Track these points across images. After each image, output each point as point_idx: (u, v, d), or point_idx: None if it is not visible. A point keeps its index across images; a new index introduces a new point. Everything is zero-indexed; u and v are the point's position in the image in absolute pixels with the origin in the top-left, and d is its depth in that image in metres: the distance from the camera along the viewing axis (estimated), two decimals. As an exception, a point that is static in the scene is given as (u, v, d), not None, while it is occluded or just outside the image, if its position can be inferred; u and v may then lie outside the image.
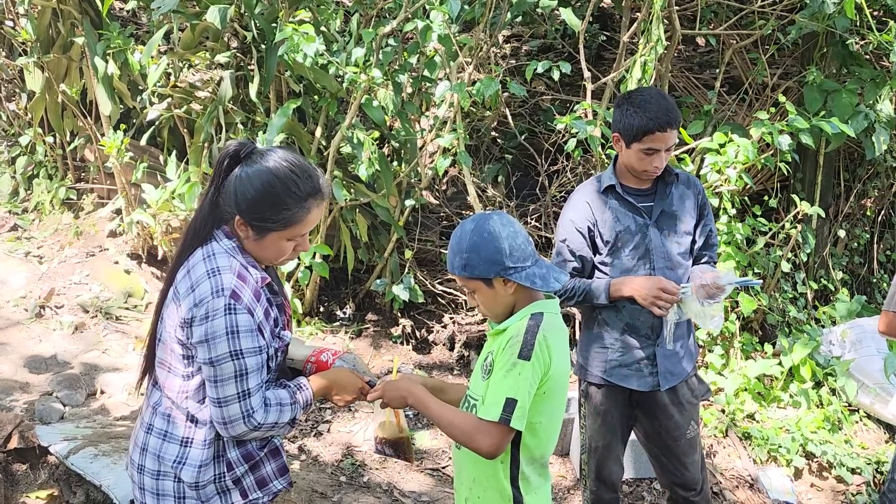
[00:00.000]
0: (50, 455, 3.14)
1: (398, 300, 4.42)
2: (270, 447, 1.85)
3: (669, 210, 2.56)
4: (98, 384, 3.90)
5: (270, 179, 1.70)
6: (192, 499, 1.77)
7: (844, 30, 4.15)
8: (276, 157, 1.73)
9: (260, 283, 1.76)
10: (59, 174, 5.43)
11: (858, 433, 4.09)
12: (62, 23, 4.73)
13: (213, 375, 1.69)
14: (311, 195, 1.74)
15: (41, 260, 4.98)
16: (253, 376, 1.71)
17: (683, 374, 2.62)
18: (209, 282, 1.68)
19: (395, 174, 4.33)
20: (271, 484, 1.85)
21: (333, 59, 3.81)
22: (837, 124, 3.79)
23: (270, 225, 1.72)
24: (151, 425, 1.81)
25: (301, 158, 1.79)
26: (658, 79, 4.31)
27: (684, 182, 2.61)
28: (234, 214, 1.72)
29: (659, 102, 2.42)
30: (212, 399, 1.72)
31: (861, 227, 5.31)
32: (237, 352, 1.68)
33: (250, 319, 1.69)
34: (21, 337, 4.25)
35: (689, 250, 2.60)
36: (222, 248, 1.74)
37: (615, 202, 2.55)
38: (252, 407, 1.71)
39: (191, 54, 4.31)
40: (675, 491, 2.73)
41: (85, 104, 4.99)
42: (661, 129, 2.39)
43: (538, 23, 5.50)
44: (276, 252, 1.78)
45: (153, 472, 1.78)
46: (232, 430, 1.72)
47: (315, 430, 3.76)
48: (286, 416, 1.77)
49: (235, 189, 1.71)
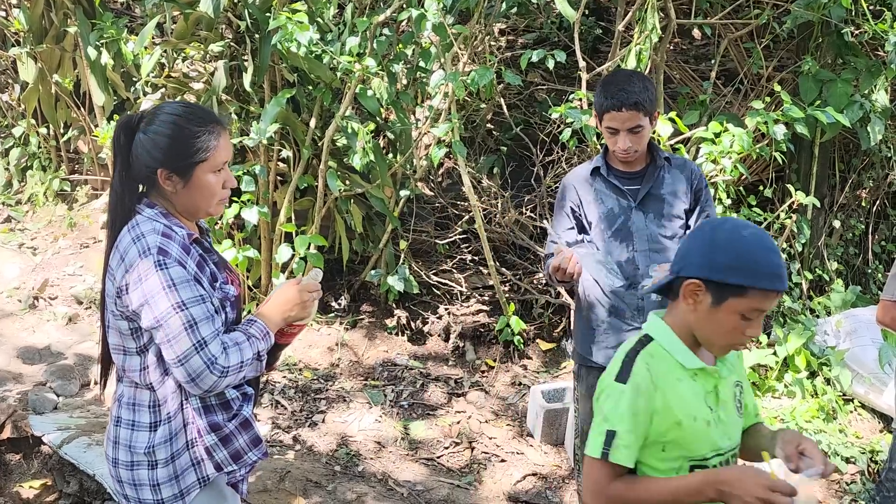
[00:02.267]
0: (43, 445, 3.14)
1: (393, 291, 4.41)
2: (240, 420, 1.80)
3: (656, 193, 2.58)
4: (91, 375, 3.89)
5: (174, 120, 1.75)
6: (167, 479, 1.77)
7: (840, 19, 4.14)
8: (168, 107, 1.80)
9: (187, 239, 1.77)
10: (53, 165, 5.41)
11: (853, 423, 4.10)
12: (55, 13, 4.71)
13: (165, 336, 1.67)
14: (214, 121, 1.79)
15: (35, 251, 4.97)
16: (203, 325, 1.68)
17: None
18: (135, 247, 1.70)
19: (390, 165, 4.32)
20: (246, 456, 1.82)
21: (328, 49, 3.79)
22: (833, 114, 3.79)
23: (192, 159, 1.74)
24: (119, 418, 1.81)
25: (185, 101, 1.85)
26: (653, 69, 4.30)
27: (679, 166, 2.62)
28: (154, 170, 1.74)
29: (622, 83, 2.45)
30: (171, 361, 1.68)
31: (856, 218, 5.32)
32: (179, 304, 1.66)
33: (183, 271, 1.70)
34: (15, 328, 4.24)
35: (679, 234, 2.61)
36: (145, 217, 1.75)
37: (601, 184, 2.60)
38: (213, 354, 1.68)
39: (184, 44, 4.29)
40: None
41: (78, 95, 4.97)
42: (616, 109, 2.42)
43: (534, 14, 5.49)
44: (208, 192, 1.78)
45: (127, 464, 1.78)
46: (202, 384, 1.69)
47: (309, 421, 3.75)
48: (248, 353, 1.75)
49: (147, 148, 1.74)
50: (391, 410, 3.90)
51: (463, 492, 3.39)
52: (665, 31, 4.14)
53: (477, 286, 4.78)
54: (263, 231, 4.39)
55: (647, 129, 2.49)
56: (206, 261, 1.81)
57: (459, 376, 4.28)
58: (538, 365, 4.46)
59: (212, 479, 1.82)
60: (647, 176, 2.58)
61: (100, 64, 4.37)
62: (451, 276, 4.75)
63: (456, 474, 3.52)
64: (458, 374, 4.29)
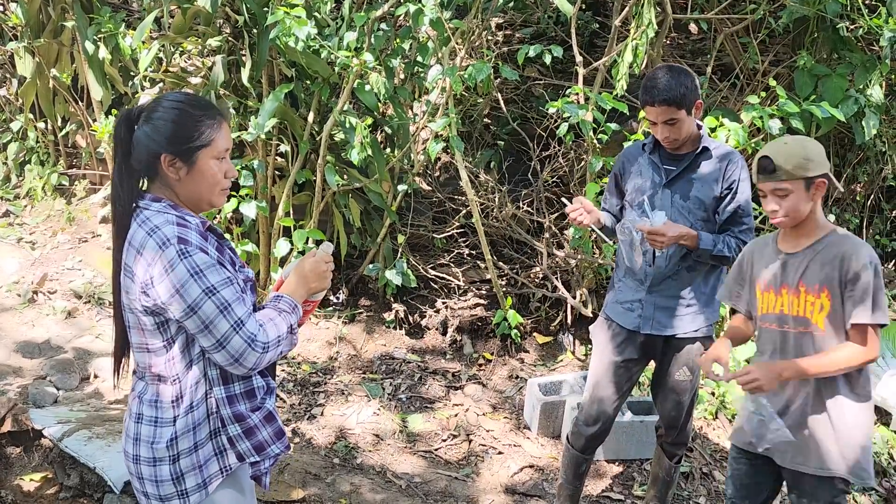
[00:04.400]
0: (44, 438, 3.15)
1: (391, 285, 4.44)
2: (263, 413, 1.84)
3: (688, 176, 2.74)
4: (91, 368, 3.91)
5: (177, 106, 1.75)
6: (190, 468, 1.77)
7: (835, 14, 4.16)
8: (170, 95, 1.79)
9: (202, 227, 1.78)
10: (51, 160, 5.42)
11: (846, 415, 4.14)
12: (53, 7, 4.71)
13: (200, 322, 1.67)
14: (213, 108, 1.80)
15: (34, 246, 4.98)
16: (237, 305, 1.70)
17: (672, 329, 2.79)
18: (152, 239, 1.68)
19: (387, 159, 4.34)
20: (269, 448, 1.84)
21: (325, 44, 3.80)
22: (828, 109, 3.81)
23: (195, 143, 1.74)
24: (140, 415, 1.80)
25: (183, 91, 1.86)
26: (650, 63, 4.32)
27: (719, 157, 2.75)
28: (158, 155, 1.73)
29: (656, 80, 2.62)
30: (211, 346, 1.69)
31: (851, 212, 5.35)
32: (209, 288, 1.67)
33: (207, 257, 1.70)
34: (14, 322, 4.25)
35: (704, 218, 2.73)
36: (153, 210, 1.74)
37: (645, 160, 2.83)
38: (251, 332, 1.70)
39: (182, 39, 4.30)
40: (660, 425, 3.06)
41: (76, 89, 4.97)
42: (649, 104, 2.63)
43: (531, 9, 5.50)
44: (211, 179, 1.78)
45: (149, 460, 1.77)
46: (245, 363, 1.71)
47: (308, 414, 3.78)
48: (283, 327, 1.78)
49: (150, 136, 1.73)
50: (389, 403, 3.93)
51: (461, 484, 3.42)
52: (661, 26, 4.16)
53: (474, 280, 4.80)
54: (262, 225, 4.40)
55: (683, 121, 2.65)
56: (224, 245, 1.82)
57: (457, 370, 4.30)
58: (535, 358, 4.49)
59: (234, 470, 1.83)
60: (684, 160, 2.75)
61: (98, 58, 4.37)
62: (449, 271, 4.78)
63: (454, 466, 3.55)
64: (456, 368, 4.32)
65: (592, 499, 3.42)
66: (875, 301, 2.16)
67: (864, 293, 2.16)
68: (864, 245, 2.21)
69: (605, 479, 3.56)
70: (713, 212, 2.74)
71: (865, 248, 2.20)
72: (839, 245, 2.22)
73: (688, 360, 2.83)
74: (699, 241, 2.64)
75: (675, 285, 2.77)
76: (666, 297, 2.78)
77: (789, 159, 2.19)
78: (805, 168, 2.19)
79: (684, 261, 2.75)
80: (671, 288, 2.77)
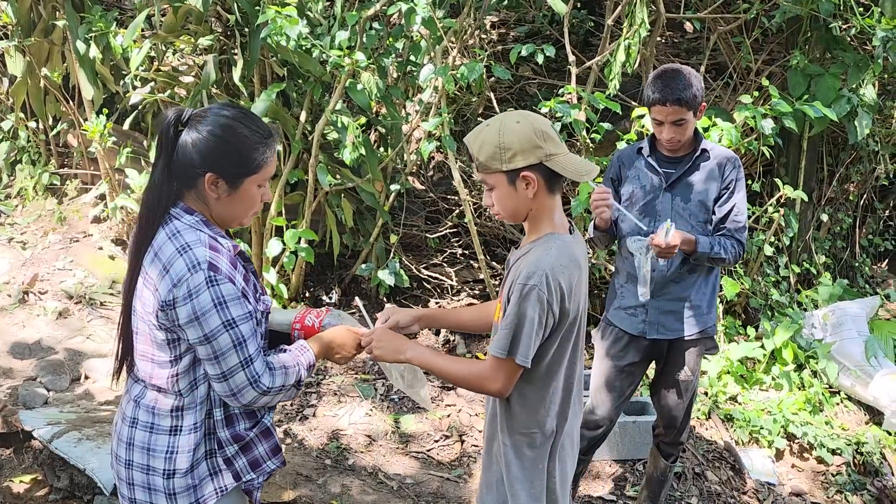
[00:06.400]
0: (34, 439, 3.13)
1: (384, 285, 4.42)
2: (261, 428, 1.82)
3: (688, 179, 2.74)
4: (82, 369, 3.89)
5: (232, 126, 1.68)
6: (184, 489, 1.74)
7: (828, 14, 4.16)
8: (223, 111, 1.71)
9: (233, 252, 1.73)
10: (43, 159, 5.39)
11: (839, 415, 4.15)
12: (43, 6, 4.68)
13: (212, 352, 1.65)
14: (270, 134, 1.75)
15: (24, 246, 4.95)
16: (250, 342, 1.69)
17: (679, 332, 2.80)
18: (182, 259, 1.63)
19: (380, 159, 4.33)
20: (265, 465, 1.83)
21: (317, 43, 3.78)
22: (820, 108, 3.81)
23: (244, 170, 1.70)
24: (136, 419, 1.76)
25: (240, 106, 1.79)
26: (643, 63, 4.31)
27: (717, 157, 2.74)
28: (202, 174, 1.67)
29: (666, 79, 2.62)
30: (214, 376, 1.68)
31: (844, 212, 5.36)
32: (229, 321, 1.64)
33: (234, 287, 1.66)
34: (5, 323, 4.23)
35: (705, 220, 2.74)
36: (185, 224, 1.69)
37: (642, 163, 2.80)
38: (257, 372, 1.70)
39: (174, 38, 4.28)
40: (657, 425, 3.06)
41: (67, 89, 4.94)
42: (661, 103, 2.61)
43: (524, 8, 5.49)
44: (248, 203, 1.75)
45: (143, 467, 1.74)
46: (242, 399, 1.71)
47: (300, 415, 3.77)
48: (291, 379, 1.77)
49: (198, 149, 1.66)
50: (382, 404, 3.91)
51: (453, 485, 3.41)
52: (654, 25, 4.16)
53: (467, 280, 4.79)
54: (254, 225, 4.39)
55: (690, 122, 2.66)
56: (249, 273, 1.79)
57: (450, 370, 4.29)
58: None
59: (229, 490, 1.80)
60: (683, 162, 2.74)
61: (89, 58, 4.34)
62: (442, 270, 4.77)
63: (446, 467, 3.54)
64: (449, 368, 4.31)
65: (585, 499, 3.41)
66: (514, 336, 1.75)
67: (508, 317, 1.77)
68: (540, 263, 1.76)
69: (598, 479, 3.56)
70: (712, 213, 2.75)
71: (538, 268, 1.74)
72: (529, 255, 1.83)
73: (690, 361, 2.84)
74: (697, 244, 2.64)
75: (679, 288, 2.77)
76: (671, 301, 2.78)
77: (483, 148, 1.78)
78: (498, 159, 1.76)
79: (685, 263, 2.75)
80: (675, 291, 2.77)
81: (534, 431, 1.88)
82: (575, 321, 1.84)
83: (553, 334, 1.80)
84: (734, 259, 2.73)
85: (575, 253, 1.84)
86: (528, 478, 1.89)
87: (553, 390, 1.86)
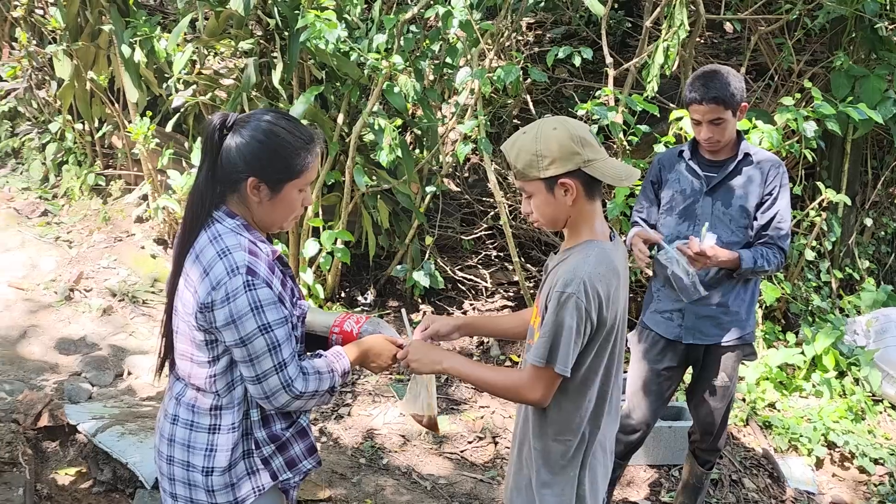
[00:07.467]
0: (78, 433, 3.22)
1: (419, 286, 4.45)
2: (297, 428, 1.85)
3: (730, 183, 2.70)
4: (125, 365, 3.99)
5: (275, 130, 1.71)
6: (222, 487, 1.77)
7: (874, 14, 4.07)
8: (265, 116, 1.74)
9: (272, 256, 1.76)
10: (88, 161, 5.53)
11: (882, 423, 4.05)
12: (90, 11, 4.81)
13: (247, 355, 1.68)
14: (312, 139, 1.76)
15: (70, 244, 5.09)
16: (285, 346, 1.71)
17: (716, 338, 2.76)
18: (222, 262, 1.66)
19: (416, 161, 4.35)
20: (301, 464, 1.86)
21: (355, 46, 3.83)
22: (865, 110, 3.73)
23: (286, 175, 1.72)
24: (177, 416, 1.81)
25: (283, 111, 1.81)
26: (682, 64, 4.27)
27: (760, 162, 2.70)
28: (245, 178, 1.70)
29: (705, 78, 2.59)
30: (249, 378, 1.71)
31: (889, 216, 5.22)
32: (265, 325, 1.67)
33: (271, 292, 1.69)
34: (51, 319, 4.35)
35: (745, 225, 2.70)
36: (227, 227, 1.72)
37: (683, 166, 2.78)
38: (290, 376, 1.72)
39: (215, 42, 4.36)
40: (694, 431, 3.02)
41: (113, 91, 5.07)
42: (696, 102, 2.59)
43: (561, 9, 5.47)
44: (289, 207, 1.77)
45: (183, 463, 1.79)
46: (275, 402, 1.74)
47: (336, 414, 3.81)
48: (325, 384, 1.79)
49: (242, 153, 1.69)
50: (416, 404, 3.93)
51: (486, 486, 3.42)
52: (694, 26, 4.11)
53: (502, 282, 4.80)
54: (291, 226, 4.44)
55: (728, 122, 2.61)
56: (287, 277, 1.82)
57: (484, 371, 4.30)
58: (563, 361, 4.46)
59: (266, 489, 1.83)
60: (725, 165, 2.70)
61: (133, 61, 4.45)
62: (477, 272, 4.78)
63: (479, 469, 3.55)
64: (483, 370, 4.31)
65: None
66: (552, 345, 1.74)
67: (546, 326, 1.75)
68: (578, 271, 1.73)
69: (632, 484, 3.53)
70: (754, 219, 2.70)
71: (575, 276, 1.72)
72: (567, 261, 1.81)
73: (727, 366, 2.80)
74: (741, 261, 2.60)
75: (717, 294, 2.73)
76: (708, 307, 2.74)
77: (521, 156, 1.78)
78: (535, 166, 1.75)
79: (723, 268, 2.70)
80: (713, 297, 2.72)
81: (568, 439, 1.87)
82: (613, 329, 1.82)
83: (591, 343, 1.79)
84: (777, 268, 2.69)
85: (614, 260, 1.81)
86: (558, 483, 1.89)
87: (588, 399, 1.85)
